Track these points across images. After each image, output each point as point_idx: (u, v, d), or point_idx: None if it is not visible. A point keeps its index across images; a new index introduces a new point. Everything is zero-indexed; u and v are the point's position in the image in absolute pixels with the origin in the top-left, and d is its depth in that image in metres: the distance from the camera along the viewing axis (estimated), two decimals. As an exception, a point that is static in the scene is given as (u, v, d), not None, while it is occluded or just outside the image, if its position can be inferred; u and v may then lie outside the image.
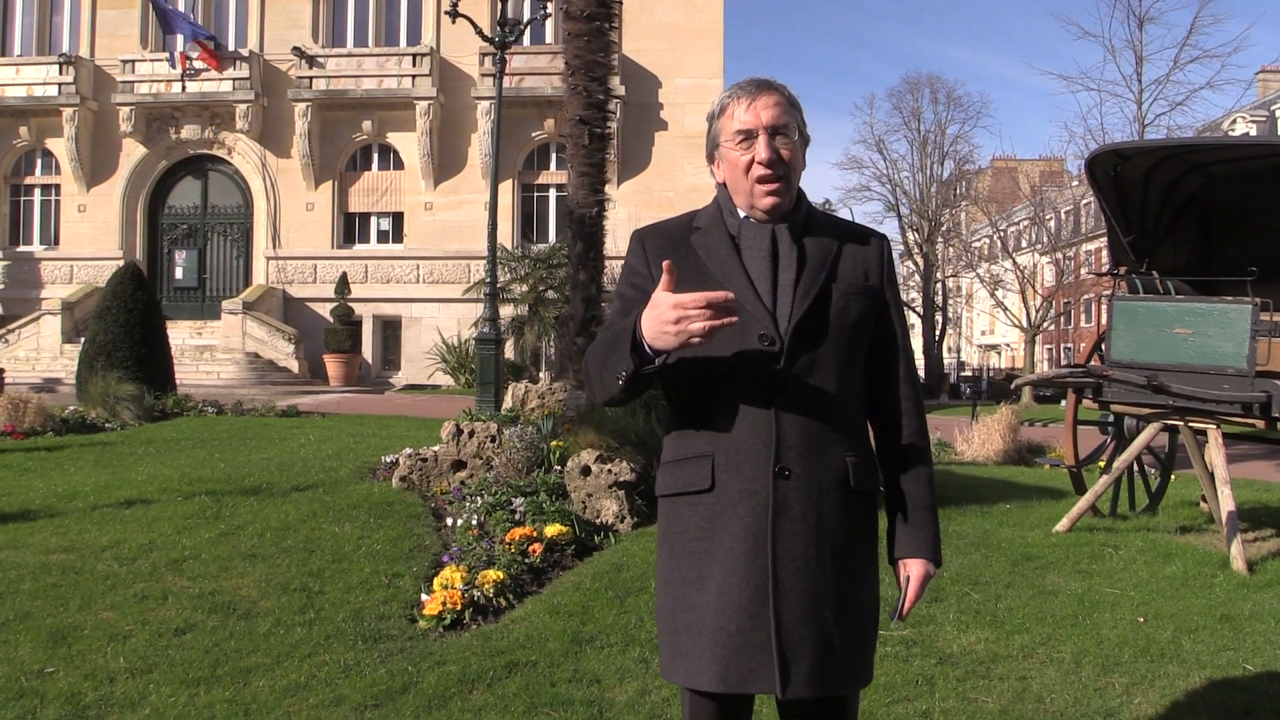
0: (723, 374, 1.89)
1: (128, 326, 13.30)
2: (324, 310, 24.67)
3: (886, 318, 2.02)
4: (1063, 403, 10.05)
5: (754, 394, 1.88)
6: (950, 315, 49.16)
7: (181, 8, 25.50)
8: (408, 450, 7.20)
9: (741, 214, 1.98)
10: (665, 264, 1.78)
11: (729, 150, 1.96)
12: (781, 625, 1.84)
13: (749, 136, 1.92)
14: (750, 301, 1.89)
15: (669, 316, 1.71)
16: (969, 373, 52.31)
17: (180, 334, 22.41)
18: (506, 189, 24.63)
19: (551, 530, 5.26)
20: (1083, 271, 39.42)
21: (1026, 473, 10.00)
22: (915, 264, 40.48)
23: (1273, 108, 38.63)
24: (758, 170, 1.91)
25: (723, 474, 1.89)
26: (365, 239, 26.43)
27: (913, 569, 1.99)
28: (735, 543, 1.87)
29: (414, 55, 25.35)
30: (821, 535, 1.88)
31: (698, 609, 1.89)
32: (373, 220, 26.41)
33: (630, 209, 22.28)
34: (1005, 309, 35.23)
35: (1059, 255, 36.87)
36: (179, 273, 26.72)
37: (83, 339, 14.92)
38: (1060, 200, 41.84)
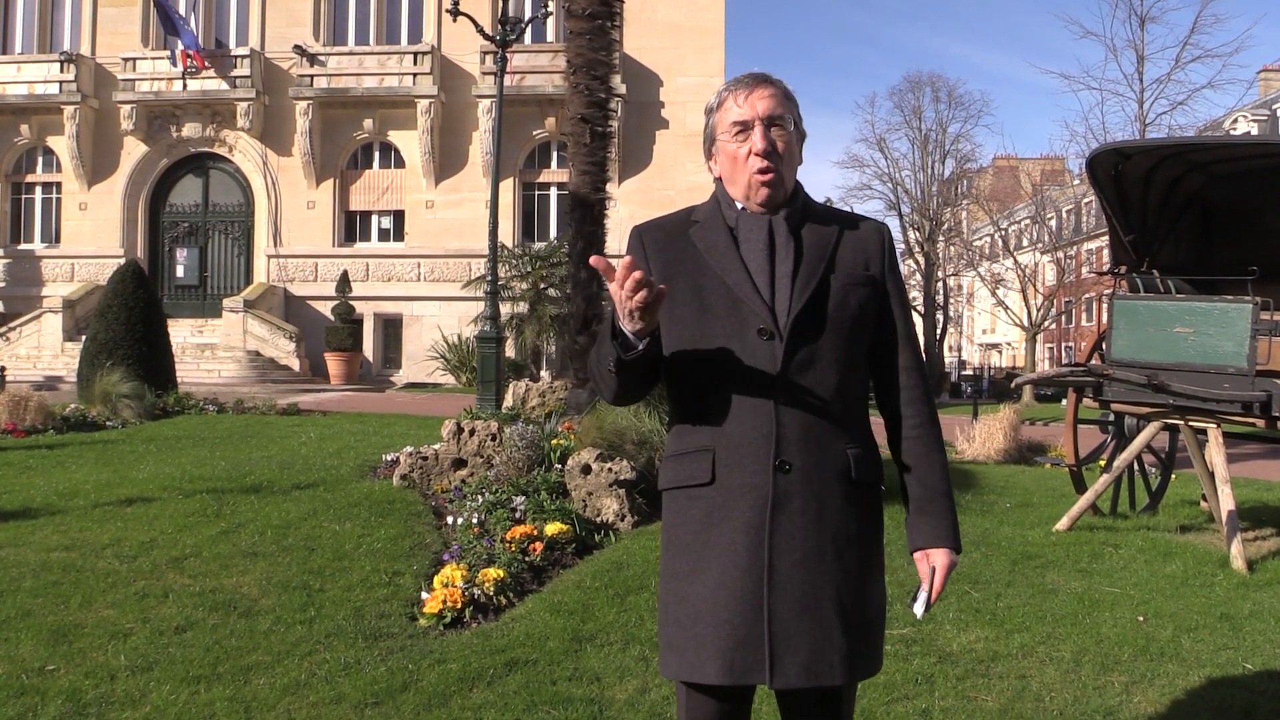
0: (723, 368, 1.89)
1: (129, 325, 13.31)
2: (325, 308, 24.69)
3: (889, 307, 2.00)
4: (1063, 402, 10.04)
5: (754, 387, 1.87)
6: (951, 314, 49.16)
7: (182, 9, 25.49)
8: (408, 448, 7.20)
9: (739, 206, 1.97)
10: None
11: (725, 143, 1.95)
12: (775, 617, 1.84)
13: (745, 128, 1.92)
14: (749, 295, 1.89)
15: (616, 296, 1.76)
16: (970, 372, 52.30)
17: (181, 332, 22.43)
18: (507, 187, 24.63)
19: (552, 529, 5.27)
20: (1084, 270, 39.46)
21: (1027, 471, 10.00)
22: (916, 263, 40.44)
23: (1274, 107, 38.58)
24: (755, 162, 1.91)
25: (723, 468, 1.89)
26: (366, 237, 26.45)
27: (936, 559, 1.95)
28: (736, 536, 1.87)
29: (415, 53, 25.36)
30: (823, 528, 1.88)
31: (689, 602, 1.89)
32: (374, 218, 26.42)
33: (631, 207, 22.27)
34: (1006, 308, 35.22)
35: (1060, 254, 36.88)
36: (180, 271, 26.74)
37: (84, 337, 14.93)
38: (1061, 199, 41.87)
